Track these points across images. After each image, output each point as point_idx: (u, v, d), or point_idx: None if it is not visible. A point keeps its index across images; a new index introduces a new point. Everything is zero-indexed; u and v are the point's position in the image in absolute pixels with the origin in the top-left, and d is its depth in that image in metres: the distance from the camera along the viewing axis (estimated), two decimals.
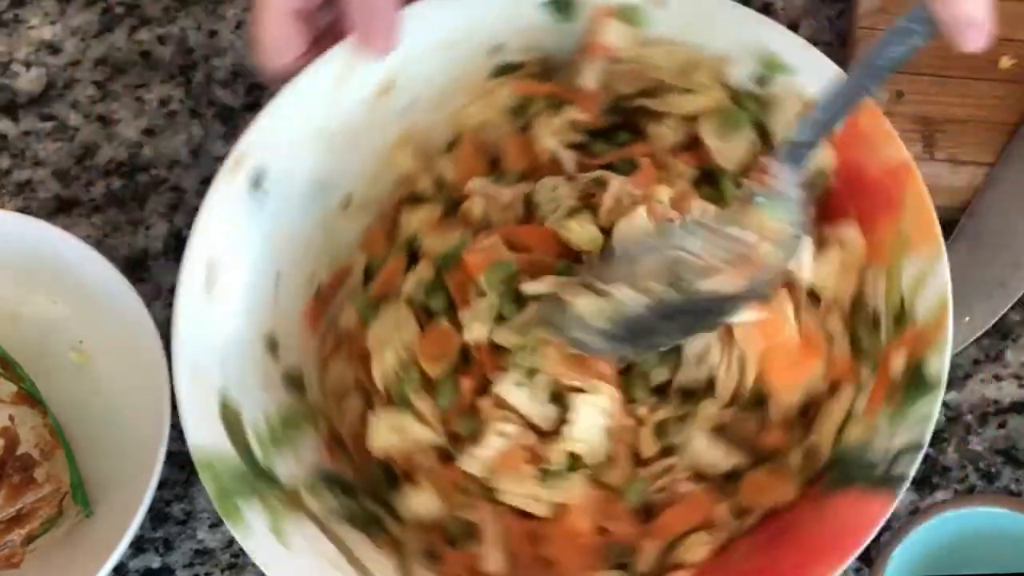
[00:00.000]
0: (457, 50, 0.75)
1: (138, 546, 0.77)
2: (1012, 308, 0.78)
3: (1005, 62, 0.82)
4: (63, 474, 0.77)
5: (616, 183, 0.70)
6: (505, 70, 0.76)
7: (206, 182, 0.84)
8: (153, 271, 0.83)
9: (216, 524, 0.77)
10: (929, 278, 0.68)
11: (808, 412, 0.70)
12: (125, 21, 0.89)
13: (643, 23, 0.74)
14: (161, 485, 0.75)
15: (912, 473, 0.65)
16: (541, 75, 0.76)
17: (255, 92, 0.86)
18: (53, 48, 0.88)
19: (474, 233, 0.72)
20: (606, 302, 0.67)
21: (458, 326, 0.69)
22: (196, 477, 0.77)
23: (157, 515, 0.78)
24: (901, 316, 0.69)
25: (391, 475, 0.72)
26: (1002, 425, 0.77)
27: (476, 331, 0.69)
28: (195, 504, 0.78)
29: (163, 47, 0.88)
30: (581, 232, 0.69)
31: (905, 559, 0.68)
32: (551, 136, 0.74)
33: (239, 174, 0.72)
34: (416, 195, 0.76)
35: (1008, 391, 0.78)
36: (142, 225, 0.84)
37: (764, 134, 0.73)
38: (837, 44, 0.85)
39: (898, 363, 0.68)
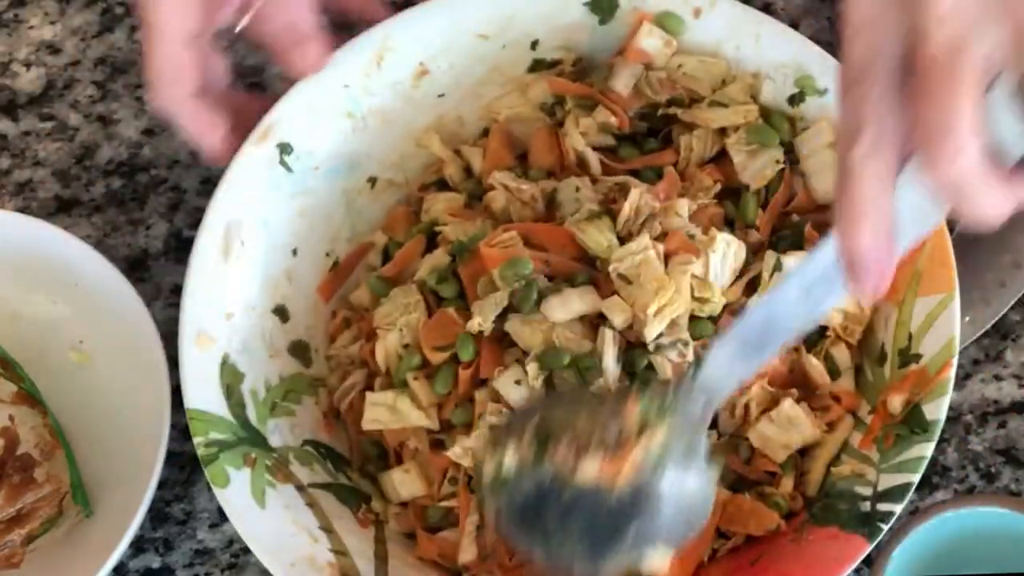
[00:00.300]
0: (494, 42, 0.75)
1: (138, 546, 0.77)
2: (1012, 308, 0.78)
3: None
4: (63, 474, 0.77)
5: (636, 192, 0.70)
6: (542, 66, 0.77)
7: (206, 182, 0.84)
8: (153, 271, 0.83)
9: (216, 524, 0.77)
10: (939, 320, 0.68)
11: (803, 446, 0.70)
12: (125, 21, 0.89)
13: (681, 32, 0.74)
14: (161, 485, 0.75)
15: (899, 511, 0.65)
16: (576, 74, 0.76)
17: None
18: (53, 48, 0.88)
19: (494, 225, 0.72)
20: (495, 462, 0.62)
21: (465, 315, 0.70)
22: (196, 477, 0.78)
23: (157, 515, 0.78)
24: (907, 355, 0.68)
25: (383, 453, 0.73)
26: (1002, 425, 0.77)
27: (479, 324, 0.69)
28: (195, 504, 0.78)
29: None
30: (599, 238, 0.69)
31: (905, 559, 0.68)
32: (580, 136, 0.74)
33: (266, 144, 0.73)
34: (442, 181, 0.78)
35: (1008, 391, 0.78)
36: (142, 225, 0.84)
37: (791, 154, 0.73)
38: (837, 44, 0.84)
39: (898, 401, 0.68)
